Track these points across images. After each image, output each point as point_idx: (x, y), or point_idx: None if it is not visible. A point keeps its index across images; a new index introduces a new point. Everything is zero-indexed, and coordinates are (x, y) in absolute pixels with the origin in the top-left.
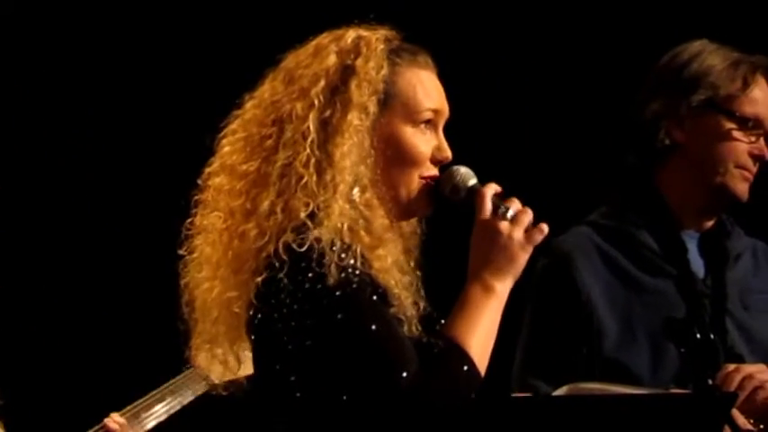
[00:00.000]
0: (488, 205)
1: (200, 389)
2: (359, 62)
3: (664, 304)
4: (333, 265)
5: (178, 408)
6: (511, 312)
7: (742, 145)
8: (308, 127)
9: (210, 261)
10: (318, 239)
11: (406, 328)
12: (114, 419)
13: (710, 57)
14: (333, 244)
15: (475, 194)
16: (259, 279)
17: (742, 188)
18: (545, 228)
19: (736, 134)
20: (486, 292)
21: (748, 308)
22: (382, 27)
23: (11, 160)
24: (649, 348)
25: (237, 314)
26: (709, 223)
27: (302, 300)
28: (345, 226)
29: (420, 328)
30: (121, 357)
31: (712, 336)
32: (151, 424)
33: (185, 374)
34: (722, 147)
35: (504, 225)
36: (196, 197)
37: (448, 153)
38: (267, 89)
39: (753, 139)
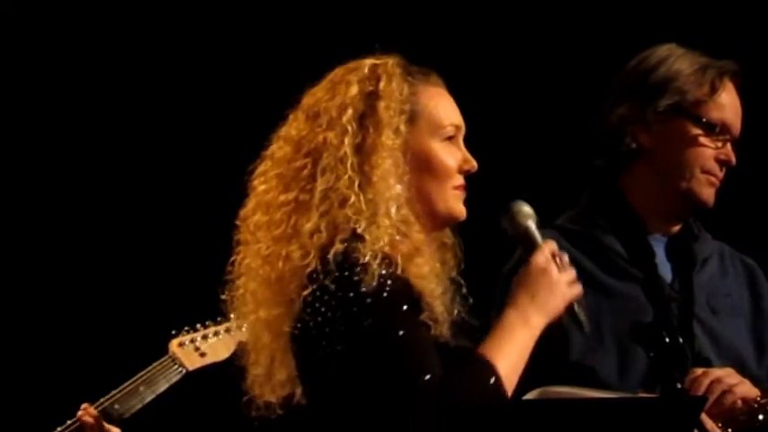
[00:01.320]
0: (547, 253)
1: (174, 377)
2: (381, 86)
3: (631, 308)
4: (371, 276)
5: (152, 397)
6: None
7: (708, 150)
8: (345, 152)
9: (256, 293)
10: (364, 252)
11: (434, 331)
12: (88, 412)
13: (678, 61)
14: (375, 255)
15: (531, 241)
16: (305, 292)
17: (708, 193)
18: (579, 290)
19: (703, 140)
20: (524, 322)
21: (716, 312)
22: (389, 55)
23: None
24: (617, 352)
25: (286, 332)
26: (676, 227)
27: (337, 307)
28: (387, 239)
29: (450, 333)
30: (95, 349)
31: (680, 340)
32: (126, 415)
33: (159, 363)
34: (688, 152)
35: (555, 271)
36: (236, 238)
37: (474, 163)
38: (292, 127)
39: (719, 144)
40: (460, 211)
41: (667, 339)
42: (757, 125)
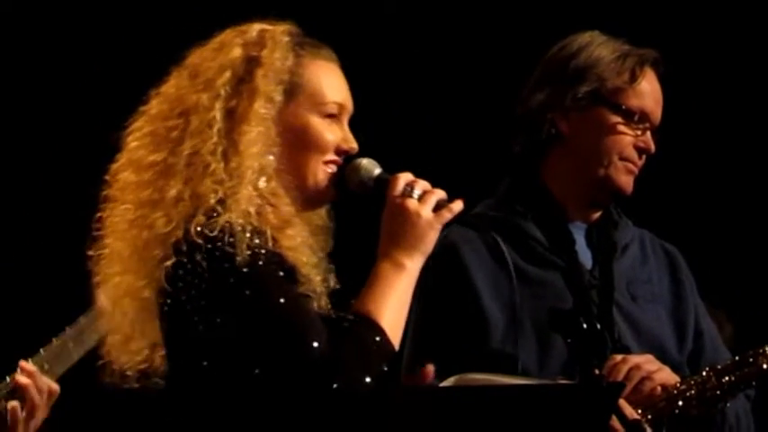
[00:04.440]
0: (399, 187)
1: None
2: (264, 53)
3: (551, 296)
4: (243, 247)
5: (82, 354)
6: None
7: (627, 138)
8: (214, 116)
9: (122, 255)
10: (230, 223)
11: (315, 304)
12: (25, 367)
13: (599, 48)
14: (244, 228)
15: (383, 183)
16: (168, 263)
17: (626, 180)
18: (456, 206)
19: (621, 127)
20: (397, 268)
21: (636, 298)
22: (284, 22)
23: None
24: (536, 340)
25: (149, 300)
26: (596, 214)
27: (211, 279)
28: (253, 210)
29: (329, 304)
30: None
31: (599, 326)
32: (60, 371)
33: (85, 317)
34: (607, 139)
35: (411, 203)
36: (103, 194)
37: (354, 144)
38: (172, 85)
39: (638, 132)
40: (331, 191)
41: (585, 326)
42: (680, 113)
